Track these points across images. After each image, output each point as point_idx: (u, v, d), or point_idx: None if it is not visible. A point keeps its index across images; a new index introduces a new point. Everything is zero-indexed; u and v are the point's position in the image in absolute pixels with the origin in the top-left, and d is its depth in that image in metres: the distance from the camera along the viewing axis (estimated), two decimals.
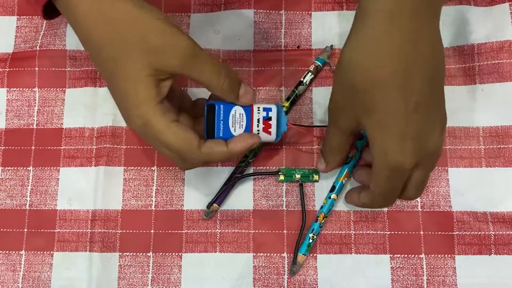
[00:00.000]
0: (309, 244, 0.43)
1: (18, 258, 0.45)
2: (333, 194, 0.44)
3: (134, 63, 0.35)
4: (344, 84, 0.36)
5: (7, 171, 0.47)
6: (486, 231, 0.44)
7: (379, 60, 0.33)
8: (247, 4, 0.49)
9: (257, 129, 0.40)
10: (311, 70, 0.46)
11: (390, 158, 0.35)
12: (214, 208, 0.44)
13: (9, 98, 0.48)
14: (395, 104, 0.34)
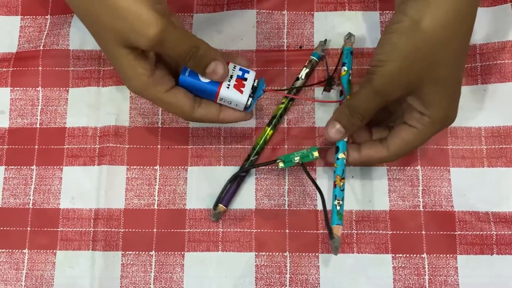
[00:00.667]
0: (338, 212, 0.41)
1: (21, 257, 0.45)
2: (340, 154, 0.42)
3: (110, 41, 0.37)
4: (418, 55, 0.35)
5: (11, 170, 0.47)
6: (488, 231, 0.44)
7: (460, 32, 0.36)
8: (250, 5, 0.49)
9: (228, 83, 0.40)
10: (306, 65, 0.46)
11: (452, 117, 0.39)
12: (220, 209, 0.44)
13: (13, 97, 0.49)
14: (460, 72, 0.38)
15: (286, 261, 0.44)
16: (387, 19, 0.48)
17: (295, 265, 0.44)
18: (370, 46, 0.48)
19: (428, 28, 0.34)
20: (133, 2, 0.35)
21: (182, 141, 0.47)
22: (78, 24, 0.49)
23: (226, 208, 0.45)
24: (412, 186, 0.45)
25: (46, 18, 0.50)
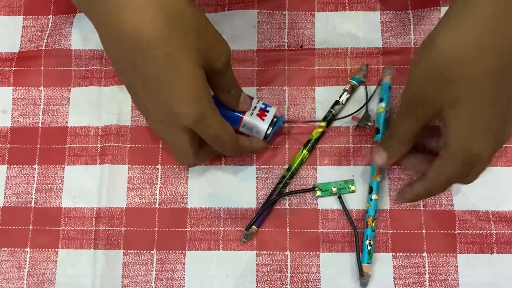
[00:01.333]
0: (369, 252, 0.43)
1: (23, 255, 0.46)
2: (373, 195, 0.44)
3: (190, 60, 0.35)
4: (434, 72, 0.35)
5: (13, 169, 0.47)
6: (488, 230, 0.44)
7: (483, 54, 0.34)
8: (251, 5, 0.49)
9: (252, 111, 0.43)
10: (347, 89, 0.46)
11: (473, 149, 0.35)
12: (253, 231, 0.44)
13: (15, 97, 0.49)
14: (488, 97, 0.34)
15: (287, 259, 0.44)
16: (388, 19, 0.48)
17: (295, 264, 0.44)
18: (371, 47, 0.48)
19: (442, 45, 0.34)
20: (208, 21, 0.36)
21: None
22: (80, 24, 0.50)
23: (257, 229, 0.45)
24: None
25: (48, 18, 0.51)
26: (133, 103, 0.39)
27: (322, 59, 0.48)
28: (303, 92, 0.47)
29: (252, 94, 0.47)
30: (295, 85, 0.48)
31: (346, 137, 0.46)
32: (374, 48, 0.48)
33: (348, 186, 0.45)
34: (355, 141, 0.46)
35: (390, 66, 0.47)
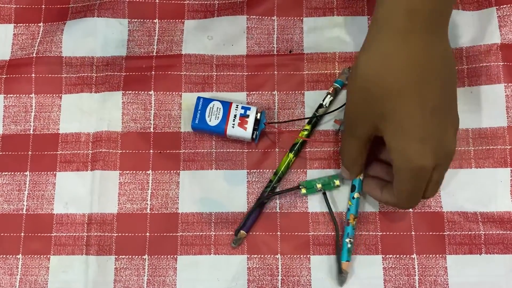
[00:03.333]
0: (349, 249, 0.43)
1: (15, 262, 0.46)
2: (356, 193, 0.44)
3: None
4: (360, 93, 0.37)
5: (4, 176, 0.48)
6: (476, 231, 0.44)
7: (393, 71, 0.36)
8: (240, 10, 0.50)
9: (233, 123, 0.45)
10: (330, 93, 0.47)
11: (413, 161, 0.36)
12: (242, 236, 0.45)
13: (6, 104, 0.49)
14: (413, 110, 0.36)
15: (278, 263, 0.45)
16: None
17: (286, 267, 0.44)
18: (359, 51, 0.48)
19: (360, 65, 0.37)
20: None
21: (174, 146, 0.47)
22: (71, 31, 0.50)
23: (246, 234, 0.45)
24: None
25: (39, 25, 0.51)
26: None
27: (310, 64, 0.48)
28: (293, 97, 0.48)
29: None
30: (285, 90, 0.48)
31: (335, 140, 0.47)
32: None
33: (332, 181, 0.45)
34: None
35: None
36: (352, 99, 0.39)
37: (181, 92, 0.48)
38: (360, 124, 0.39)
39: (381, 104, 0.36)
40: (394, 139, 0.37)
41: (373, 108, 0.37)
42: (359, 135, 0.39)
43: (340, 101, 0.47)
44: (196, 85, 0.48)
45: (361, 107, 0.38)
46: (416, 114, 0.36)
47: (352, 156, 0.42)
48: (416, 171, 0.36)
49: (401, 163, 0.37)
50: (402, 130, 0.36)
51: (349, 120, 0.40)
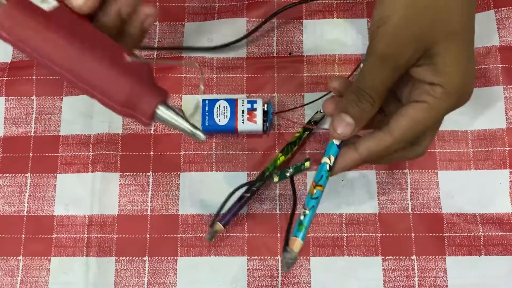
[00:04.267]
0: (301, 223, 0.33)
1: (16, 264, 0.46)
2: (325, 158, 0.34)
3: None
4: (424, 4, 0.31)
5: (5, 178, 0.48)
6: (475, 232, 0.44)
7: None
8: (240, 13, 0.50)
9: (242, 119, 0.45)
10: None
11: (467, 86, 0.32)
12: (217, 229, 0.44)
13: (7, 106, 0.49)
14: (473, 29, 0.32)
15: (278, 264, 0.45)
16: None
17: None
18: (358, 53, 0.49)
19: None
20: None
21: (174, 148, 0.47)
22: None
23: (223, 228, 0.44)
24: (400, 189, 0.46)
25: None
26: None
27: (310, 66, 0.49)
28: (292, 99, 0.48)
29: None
30: (284, 92, 0.48)
31: None
32: (361, 55, 0.49)
33: (303, 164, 0.37)
34: None
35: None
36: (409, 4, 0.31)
37: (181, 94, 0.48)
38: (410, 45, 0.31)
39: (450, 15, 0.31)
40: (453, 54, 0.31)
41: (439, 23, 0.30)
42: (402, 62, 0.31)
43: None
44: (197, 87, 0.49)
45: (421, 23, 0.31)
46: (473, 36, 0.32)
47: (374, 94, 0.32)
48: (461, 102, 0.32)
49: (454, 86, 0.31)
50: (465, 46, 0.31)
51: (394, 43, 0.31)
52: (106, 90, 0.28)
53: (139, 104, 0.28)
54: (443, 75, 0.31)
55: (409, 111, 0.32)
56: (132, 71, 0.28)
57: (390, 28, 0.31)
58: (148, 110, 0.28)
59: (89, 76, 0.28)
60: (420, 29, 0.31)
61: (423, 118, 0.32)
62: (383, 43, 0.31)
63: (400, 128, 0.32)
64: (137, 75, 0.28)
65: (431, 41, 0.31)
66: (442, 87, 0.31)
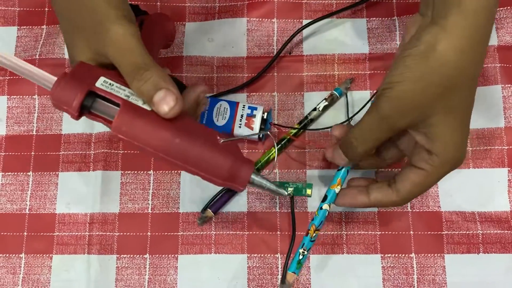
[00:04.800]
0: (299, 261, 0.40)
1: (18, 261, 0.46)
2: (325, 204, 0.40)
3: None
4: (431, 79, 0.33)
5: (7, 176, 0.48)
6: (474, 230, 0.45)
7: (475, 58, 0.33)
8: (240, 13, 0.51)
9: (240, 123, 0.45)
10: (327, 98, 0.47)
11: (460, 155, 0.36)
12: (207, 214, 0.45)
13: (10, 105, 0.50)
14: (471, 102, 0.35)
15: (277, 262, 0.45)
16: (374, 26, 0.50)
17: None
18: (358, 53, 0.49)
19: (444, 52, 0.32)
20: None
21: None
22: None
23: (213, 215, 0.45)
24: None
25: (42, 28, 0.52)
26: None
27: (310, 65, 0.49)
28: (292, 98, 0.49)
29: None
30: (284, 91, 0.49)
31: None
32: (361, 54, 0.49)
33: (304, 189, 0.45)
34: None
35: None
36: (415, 84, 0.33)
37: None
38: (411, 113, 0.34)
39: (452, 95, 0.33)
40: (449, 127, 0.35)
41: (441, 97, 0.33)
42: (398, 125, 0.35)
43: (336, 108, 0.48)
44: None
45: (424, 95, 0.33)
46: (470, 106, 0.35)
47: (368, 144, 0.37)
48: (455, 167, 0.36)
49: (449, 157, 0.35)
50: (460, 120, 0.35)
51: (396, 108, 0.34)
52: (211, 170, 0.33)
53: (237, 176, 0.34)
54: (440, 146, 0.35)
55: (411, 176, 0.37)
56: (227, 151, 0.34)
57: (396, 94, 0.34)
58: (245, 179, 0.34)
59: (196, 161, 0.32)
60: (423, 102, 0.34)
61: (423, 182, 0.37)
62: (386, 106, 0.35)
63: (404, 190, 0.38)
64: (231, 153, 0.34)
65: (431, 113, 0.34)
66: (439, 157, 0.35)
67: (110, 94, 0.32)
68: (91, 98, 0.31)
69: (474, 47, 0.33)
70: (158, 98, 0.32)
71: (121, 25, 0.33)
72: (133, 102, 0.32)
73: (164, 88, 0.32)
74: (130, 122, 0.31)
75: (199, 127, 0.35)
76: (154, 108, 0.32)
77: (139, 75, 0.32)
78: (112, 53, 0.33)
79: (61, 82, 0.31)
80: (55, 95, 0.31)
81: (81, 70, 0.32)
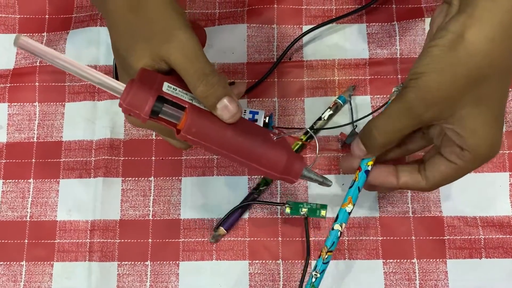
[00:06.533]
0: (312, 284, 0.39)
1: (19, 269, 0.46)
2: (337, 224, 0.39)
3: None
4: (459, 70, 0.32)
5: (8, 183, 0.48)
6: (476, 235, 0.45)
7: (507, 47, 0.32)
8: (240, 19, 0.51)
9: None
10: (331, 107, 0.47)
11: (495, 148, 0.34)
12: (220, 233, 0.45)
13: (10, 112, 0.50)
14: (504, 96, 0.34)
15: (279, 268, 0.45)
16: (374, 31, 0.50)
17: (288, 273, 0.45)
18: (358, 58, 0.49)
19: (473, 41, 0.31)
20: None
21: (175, 152, 0.48)
22: (74, 40, 0.51)
23: (226, 232, 0.45)
24: (400, 193, 0.46)
25: (42, 35, 0.52)
26: None
27: (310, 71, 0.49)
28: (293, 103, 0.49)
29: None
30: (285, 97, 0.49)
31: (335, 146, 0.47)
32: (361, 59, 0.49)
33: (319, 210, 0.43)
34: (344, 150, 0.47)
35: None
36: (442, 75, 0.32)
37: None
38: (437, 104, 0.33)
39: (482, 85, 0.32)
40: (482, 119, 0.33)
41: (471, 88, 0.32)
42: (425, 117, 0.34)
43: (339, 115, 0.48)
44: None
45: (453, 86, 0.32)
46: (505, 97, 0.34)
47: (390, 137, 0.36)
48: (489, 159, 0.35)
49: (482, 151, 0.34)
50: (494, 111, 0.33)
51: (423, 100, 0.33)
52: (270, 165, 0.35)
53: (291, 170, 0.36)
54: (471, 141, 0.34)
55: (441, 167, 0.36)
56: (281, 146, 0.36)
57: (422, 84, 0.33)
58: (298, 172, 0.37)
59: (256, 157, 0.35)
60: (451, 94, 0.33)
61: (454, 175, 0.36)
62: (412, 96, 0.33)
63: (433, 180, 0.37)
64: (285, 148, 0.36)
65: (460, 105, 0.33)
66: (471, 153, 0.34)
67: (176, 98, 0.33)
68: (159, 102, 0.33)
69: (506, 35, 0.31)
70: (222, 105, 0.33)
71: (187, 32, 0.34)
72: (197, 105, 0.34)
73: (227, 95, 0.34)
74: (198, 124, 0.33)
75: (252, 125, 0.38)
76: (216, 114, 0.34)
77: (206, 81, 0.33)
78: (177, 59, 0.33)
79: (132, 88, 0.32)
80: (127, 101, 0.32)
81: (145, 76, 0.33)
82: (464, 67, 0.32)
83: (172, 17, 0.34)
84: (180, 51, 0.33)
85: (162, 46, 0.33)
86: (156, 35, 0.34)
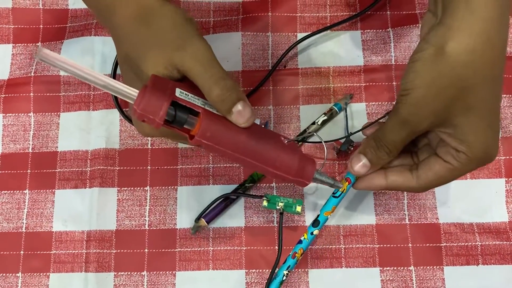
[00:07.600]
0: (282, 281, 0.41)
1: (15, 280, 0.46)
2: (316, 230, 0.41)
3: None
4: (443, 82, 0.33)
5: (4, 195, 0.48)
6: (473, 242, 0.44)
7: (488, 57, 0.32)
8: (235, 27, 0.51)
9: None
10: (326, 113, 0.47)
11: (491, 152, 0.35)
12: (201, 224, 0.45)
13: (5, 123, 0.50)
14: (496, 102, 0.34)
15: None
16: (368, 38, 0.50)
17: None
18: (353, 65, 0.49)
19: (453, 52, 0.32)
20: None
21: (171, 162, 0.48)
22: (69, 50, 0.51)
23: (207, 224, 0.45)
24: (397, 200, 0.46)
25: (37, 45, 0.52)
26: None
27: (305, 78, 0.49)
28: (288, 111, 0.48)
29: None
30: (280, 104, 0.49)
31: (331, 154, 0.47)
32: (356, 66, 0.49)
33: (295, 205, 0.44)
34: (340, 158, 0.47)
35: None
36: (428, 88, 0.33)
37: None
38: (430, 116, 0.34)
39: (468, 95, 0.33)
40: (473, 126, 0.34)
41: (457, 99, 0.33)
42: (420, 128, 0.35)
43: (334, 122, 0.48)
44: None
45: (440, 98, 0.33)
46: (496, 103, 0.34)
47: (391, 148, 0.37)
48: (485, 164, 0.36)
49: (478, 155, 0.34)
50: (485, 118, 0.34)
51: (415, 112, 0.34)
52: (283, 168, 0.36)
53: (304, 172, 0.37)
54: (465, 144, 0.34)
55: (436, 167, 0.37)
56: (293, 149, 0.37)
57: (412, 100, 0.34)
58: (311, 175, 0.37)
59: (270, 160, 0.35)
60: (438, 106, 0.33)
61: (448, 176, 0.36)
62: (405, 111, 0.34)
63: (426, 179, 0.37)
64: (297, 151, 0.37)
65: (450, 115, 0.34)
66: (466, 155, 0.35)
67: (189, 104, 0.33)
68: (172, 107, 0.33)
69: (487, 45, 0.32)
70: (237, 109, 0.34)
71: (200, 39, 0.34)
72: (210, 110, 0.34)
73: (242, 100, 0.34)
74: (213, 128, 0.33)
75: (263, 129, 0.38)
76: (231, 118, 0.34)
77: (223, 85, 0.33)
78: (192, 65, 0.34)
79: (146, 94, 0.32)
80: (142, 106, 0.32)
81: (157, 82, 0.33)
82: (448, 79, 0.32)
83: (184, 25, 0.35)
84: (194, 58, 0.34)
85: (176, 54, 0.34)
86: (169, 43, 0.34)
